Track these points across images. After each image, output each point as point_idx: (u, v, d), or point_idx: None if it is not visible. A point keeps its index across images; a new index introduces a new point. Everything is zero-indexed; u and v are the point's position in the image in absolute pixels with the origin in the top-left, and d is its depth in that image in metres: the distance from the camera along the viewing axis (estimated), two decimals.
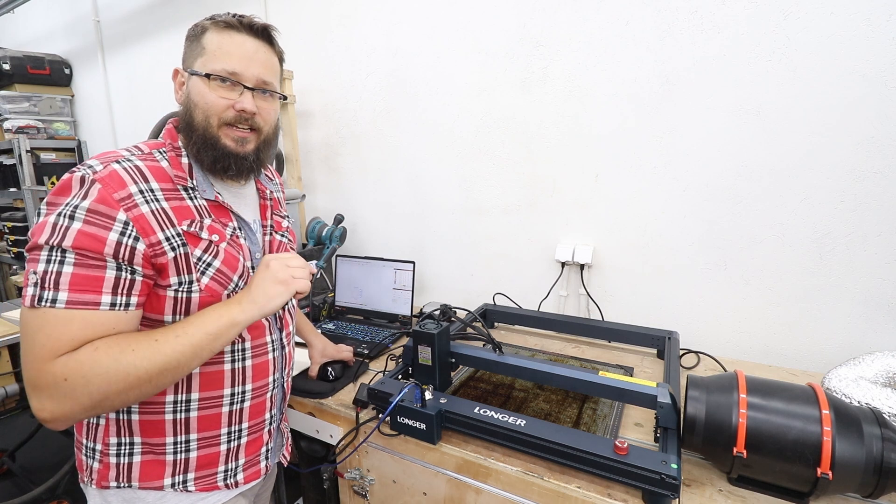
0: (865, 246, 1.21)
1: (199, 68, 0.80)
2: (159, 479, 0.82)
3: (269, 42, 0.85)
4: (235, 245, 0.85)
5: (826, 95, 1.19)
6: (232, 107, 0.81)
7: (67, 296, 0.67)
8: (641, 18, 1.37)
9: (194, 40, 0.82)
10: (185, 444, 0.83)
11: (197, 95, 0.80)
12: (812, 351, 1.31)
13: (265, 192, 0.97)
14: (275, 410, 0.95)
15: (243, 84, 0.81)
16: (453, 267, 1.90)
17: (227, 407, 0.85)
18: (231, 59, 0.79)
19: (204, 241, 0.80)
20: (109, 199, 0.70)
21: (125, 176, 0.73)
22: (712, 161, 1.35)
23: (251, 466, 0.91)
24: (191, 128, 0.81)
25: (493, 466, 0.92)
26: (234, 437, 0.87)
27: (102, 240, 0.69)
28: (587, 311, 1.62)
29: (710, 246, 1.39)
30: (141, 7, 2.78)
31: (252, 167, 0.87)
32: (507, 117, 1.65)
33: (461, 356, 1.12)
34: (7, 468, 2.20)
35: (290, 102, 2.00)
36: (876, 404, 0.88)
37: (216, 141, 0.81)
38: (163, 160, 0.80)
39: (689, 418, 0.85)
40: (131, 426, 0.80)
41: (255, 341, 0.88)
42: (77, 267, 0.68)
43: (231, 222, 0.86)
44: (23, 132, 3.19)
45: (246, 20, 0.81)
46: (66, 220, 0.68)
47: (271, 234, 0.95)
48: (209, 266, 0.80)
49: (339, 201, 2.17)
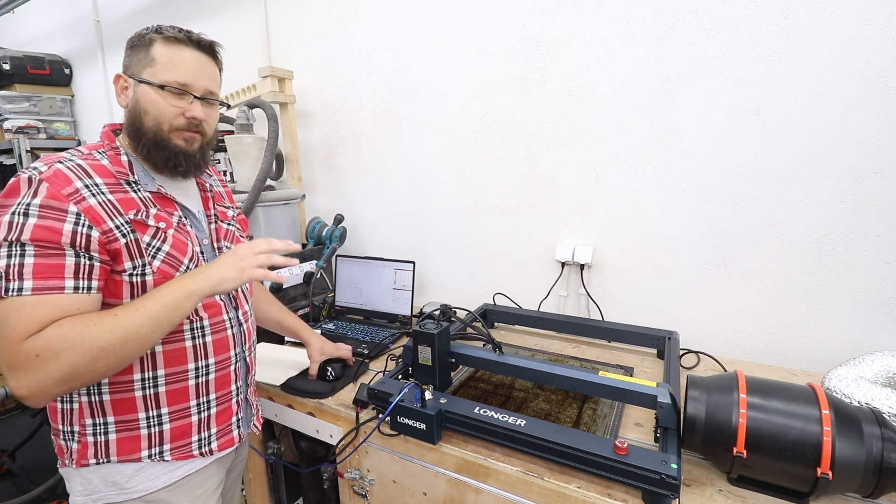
0: (865, 246, 1.21)
1: (150, 77, 0.86)
2: (136, 453, 0.88)
3: (214, 56, 0.94)
4: (183, 231, 0.92)
5: (826, 95, 1.19)
6: (182, 114, 0.89)
7: (32, 283, 0.72)
8: (641, 18, 1.37)
9: (140, 50, 0.88)
10: (158, 418, 0.89)
11: (148, 103, 0.87)
12: (812, 351, 1.31)
13: (205, 185, 1.05)
14: (240, 383, 1.03)
15: (193, 94, 0.89)
16: (453, 267, 1.90)
17: (192, 380, 0.92)
18: (182, 71, 0.88)
19: (151, 228, 0.86)
20: (58, 194, 0.76)
21: (69, 174, 0.79)
22: (712, 161, 1.35)
23: (224, 435, 0.99)
24: (140, 131, 0.88)
25: (493, 466, 0.92)
26: (203, 409, 0.95)
27: (59, 231, 0.75)
28: (587, 311, 1.63)
29: (710, 246, 1.39)
30: (141, 7, 2.78)
31: (199, 164, 0.95)
32: (507, 117, 1.65)
33: (461, 356, 1.12)
34: (7, 468, 2.20)
35: (290, 102, 2.00)
36: (876, 404, 0.88)
37: (167, 142, 0.89)
38: (103, 158, 0.86)
39: (689, 418, 0.85)
40: (103, 406, 0.86)
41: (213, 319, 0.95)
42: (38, 258, 0.73)
43: (176, 211, 0.93)
44: (23, 132, 3.19)
45: (195, 37, 0.90)
46: (21, 218, 0.73)
47: (216, 222, 1.03)
48: (159, 250, 0.86)
49: (339, 201, 2.17)
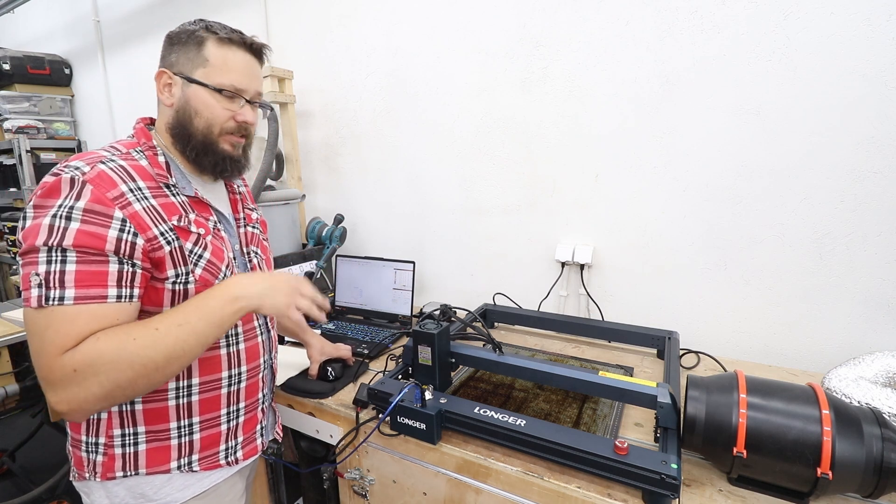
0: (865, 246, 1.21)
1: (203, 79, 0.84)
2: (166, 464, 0.85)
3: (260, 58, 0.92)
4: (218, 237, 0.90)
5: (826, 95, 1.19)
6: (233, 118, 0.87)
7: (74, 292, 0.69)
8: (641, 18, 1.37)
9: (190, 47, 0.85)
10: (189, 428, 0.87)
11: (200, 105, 0.85)
12: (812, 351, 1.31)
13: (233, 187, 1.03)
14: (266, 390, 1.02)
15: (244, 98, 0.88)
16: (453, 267, 1.90)
17: (225, 389, 0.90)
18: (236, 75, 0.86)
19: (193, 235, 0.84)
20: (104, 198, 0.72)
21: (114, 176, 0.75)
22: (712, 161, 1.35)
23: (249, 444, 0.97)
24: (189, 133, 0.86)
25: (493, 466, 0.92)
26: (232, 417, 0.93)
27: (103, 237, 0.71)
28: (587, 311, 1.62)
29: (710, 246, 1.39)
30: (141, 7, 2.78)
31: (244, 167, 0.95)
32: (507, 117, 1.65)
33: (461, 356, 1.12)
34: (7, 468, 2.20)
35: (290, 102, 2.00)
36: (876, 404, 0.88)
37: (216, 146, 0.87)
38: (141, 159, 0.83)
39: (689, 418, 0.85)
40: (135, 416, 0.83)
41: (245, 326, 0.94)
42: (80, 264, 0.70)
43: (212, 216, 0.91)
44: (23, 132, 3.19)
45: (248, 39, 0.88)
46: (63, 222, 0.69)
47: (244, 226, 1.01)
48: (200, 258, 0.84)
49: (339, 201, 2.17)
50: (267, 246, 1.09)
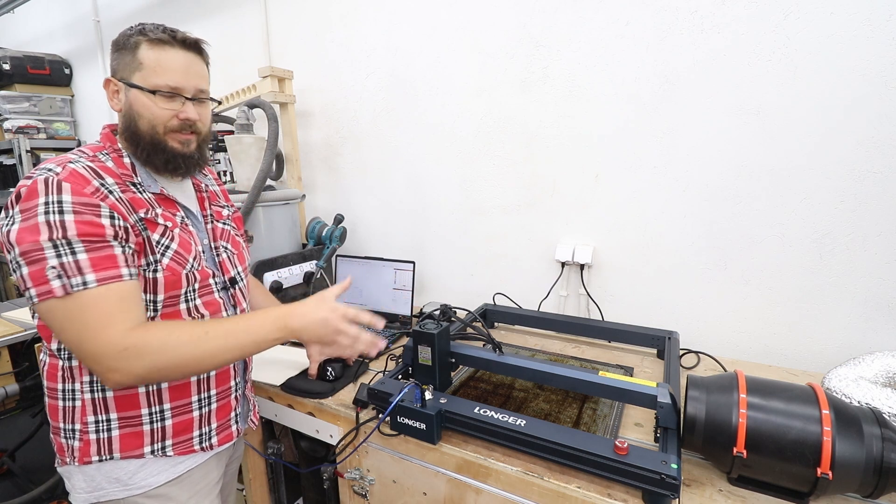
0: (865, 246, 1.21)
1: (140, 82, 0.86)
2: (139, 448, 0.89)
3: (200, 53, 0.93)
4: (186, 231, 0.93)
5: (826, 95, 1.19)
6: (176, 116, 0.89)
7: (94, 276, 0.75)
8: (641, 18, 1.37)
9: (127, 53, 0.87)
10: (161, 414, 0.90)
11: (141, 107, 0.87)
12: (812, 351, 1.31)
13: (200, 185, 1.05)
14: (238, 379, 1.05)
15: (184, 96, 0.89)
16: (453, 267, 1.90)
17: (194, 377, 0.94)
18: (171, 74, 0.87)
19: (160, 227, 0.88)
20: (83, 192, 0.77)
21: (85, 173, 0.80)
22: (712, 161, 1.35)
23: (223, 430, 1.00)
24: (137, 135, 0.89)
25: (493, 466, 0.92)
26: (204, 404, 0.96)
27: (101, 225, 0.76)
28: (587, 311, 1.62)
29: (710, 246, 1.39)
30: (141, 7, 2.78)
31: (198, 163, 0.96)
32: (507, 117, 1.65)
33: (461, 356, 1.12)
34: (7, 468, 2.20)
35: (290, 102, 2.00)
36: (876, 404, 0.88)
37: (164, 145, 0.90)
38: (108, 160, 0.87)
39: (689, 418, 0.85)
40: (106, 403, 0.87)
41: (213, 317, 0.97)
42: (90, 252, 0.75)
43: (178, 212, 0.94)
44: (23, 132, 3.19)
45: (179, 36, 0.89)
46: (57, 216, 0.73)
47: (212, 222, 1.04)
48: (168, 248, 0.88)
49: (339, 201, 2.17)
50: (240, 241, 1.11)
